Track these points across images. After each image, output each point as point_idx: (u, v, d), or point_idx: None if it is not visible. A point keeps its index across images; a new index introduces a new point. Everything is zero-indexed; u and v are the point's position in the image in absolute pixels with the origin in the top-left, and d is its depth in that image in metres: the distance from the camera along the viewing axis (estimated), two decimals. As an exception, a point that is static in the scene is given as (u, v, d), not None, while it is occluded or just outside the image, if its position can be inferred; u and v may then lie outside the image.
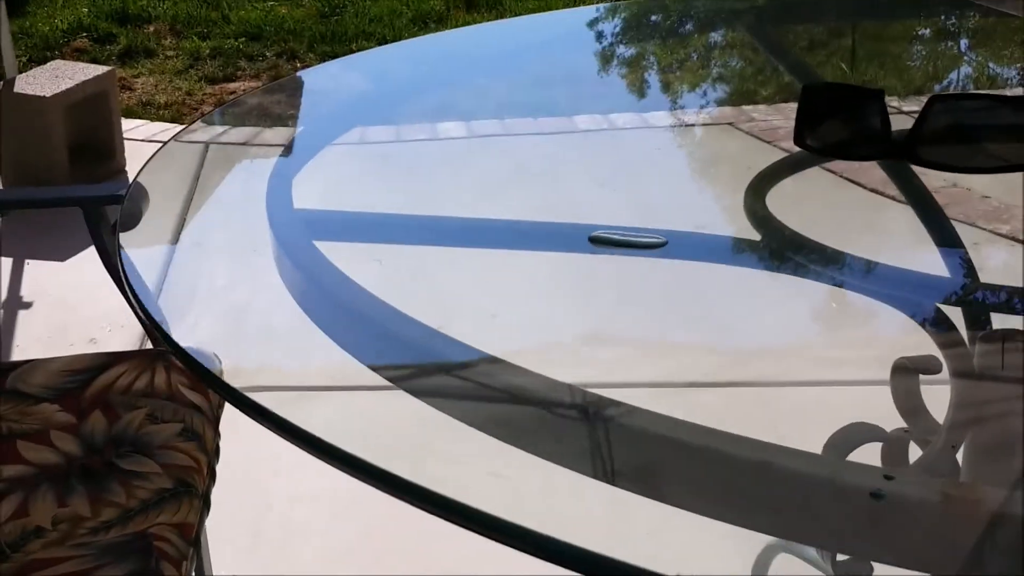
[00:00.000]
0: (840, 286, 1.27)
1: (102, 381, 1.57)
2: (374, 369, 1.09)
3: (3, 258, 3.16)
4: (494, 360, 1.06)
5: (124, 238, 1.36)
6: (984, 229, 1.45)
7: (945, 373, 1.14)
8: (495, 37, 2.50)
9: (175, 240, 1.46)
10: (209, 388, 1.12)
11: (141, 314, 1.13)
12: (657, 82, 2.26)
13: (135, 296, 1.16)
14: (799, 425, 1.02)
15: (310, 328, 1.24)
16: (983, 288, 1.27)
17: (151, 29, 5.88)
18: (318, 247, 1.35)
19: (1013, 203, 1.49)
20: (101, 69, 3.83)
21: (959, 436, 1.13)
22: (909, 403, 1.16)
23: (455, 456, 0.98)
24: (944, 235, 1.47)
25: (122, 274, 1.19)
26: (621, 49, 2.37)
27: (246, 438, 2.39)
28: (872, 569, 0.86)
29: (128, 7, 6.11)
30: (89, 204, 1.64)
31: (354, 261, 1.35)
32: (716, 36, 2.52)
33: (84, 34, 5.72)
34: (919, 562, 0.82)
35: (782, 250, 1.37)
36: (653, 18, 2.72)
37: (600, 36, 2.46)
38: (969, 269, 1.36)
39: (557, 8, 6.00)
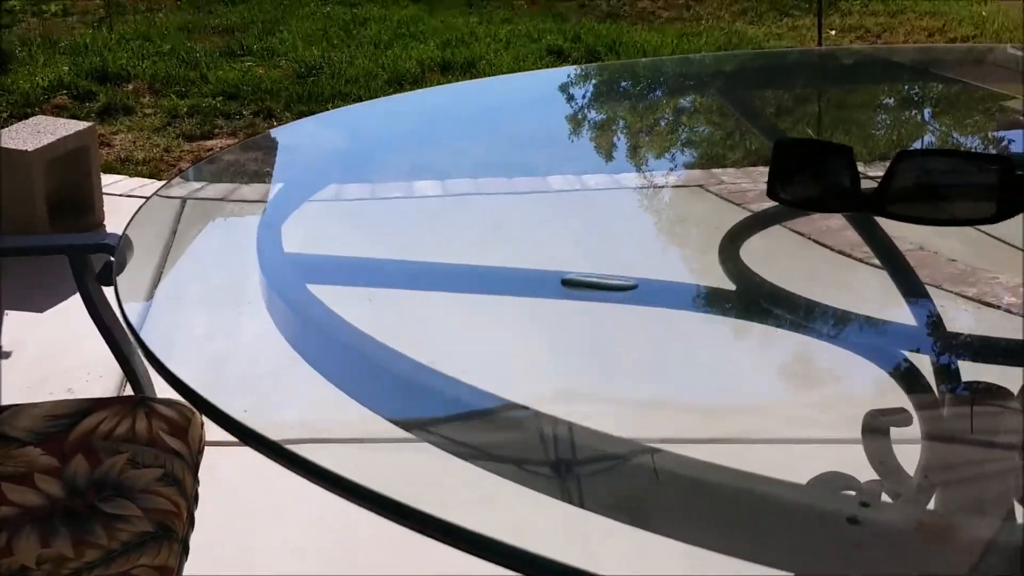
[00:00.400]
0: (813, 336, 1.32)
1: (85, 426, 1.60)
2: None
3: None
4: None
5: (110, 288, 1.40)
6: (950, 291, 1.50)
7: (916, 426, 1.18)
8: (469, 96, 2.58)
9: (152, 292, 1.49)
10: (230, 431, 1.15)
11: (145, 357, 1.17)
12: (629, 145, 2.33)
13: (139, 339, 1.20)
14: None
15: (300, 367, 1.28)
16: (950, 338, 1.32)
17: (130, 87, 5.95)
18: (310, 290, 1.40)
19: (979, 266, 1.55)
20: (82, 125, 3.88)
21: (929, 490, 1.18)
22: (881, 457, 1.21)
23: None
24: (911, 288, 1.52)
25: (124, 319, 1.23)
26: (593, 112, 2.44)
27: (225, 487, 2.41)
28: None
29: (108, 66, 6.19)
30: (75, 252, 1.67)
31: (340, 304, 1.39)
32: (686, 101, 2.61)
33: (64, 91, 5.78)
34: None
35: (756, 300, 1.42)
36: (624, 83, 2.81)
37: (572, 98, 2.54)
38: (937, 321, 1.41)
39: (529, 70, 6.12)
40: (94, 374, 2.80)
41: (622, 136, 2.42)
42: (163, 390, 1.79)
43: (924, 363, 1.29)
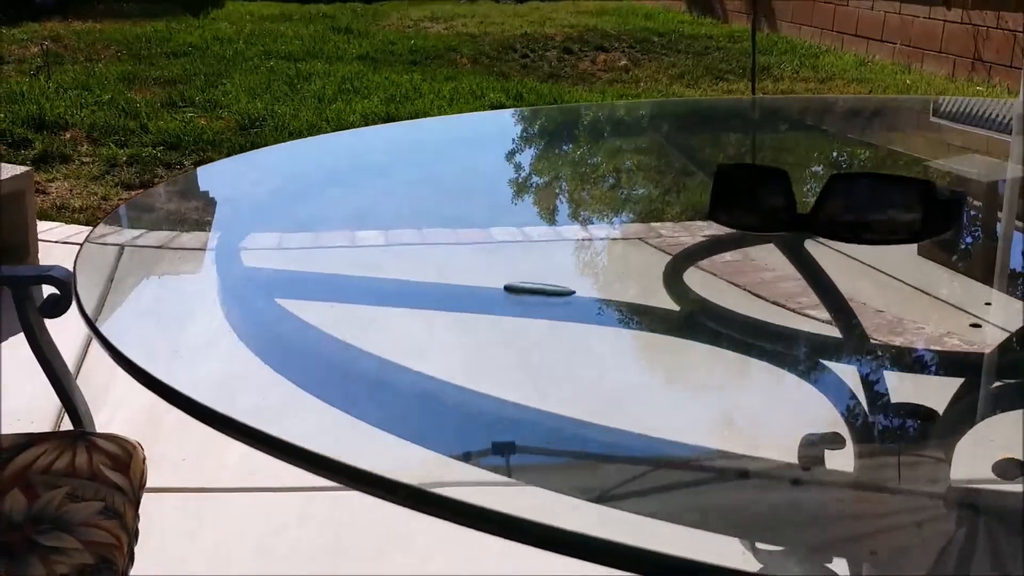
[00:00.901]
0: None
1: (21, 461, 1.54)
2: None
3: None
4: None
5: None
6: (878, 340, 1.53)
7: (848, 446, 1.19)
8: (405, 134, 2.58)
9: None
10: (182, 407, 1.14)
11: (126, 368, 1.15)
12: (572, 198, 2.33)
13: (117, 353, 1.18)
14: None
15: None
16: (875, 347, 1.34)
17: (68, 136, 5.87)
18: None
19: (905, 317, 1.58)
20: (18, 169, 3.81)
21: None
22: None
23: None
24: (837, 305, 1.53)
25: (100, 337, 1.21)
26: (534, 159, 2.46)
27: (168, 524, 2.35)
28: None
29: (45, 114, 6.11)
30: (17, 284, 1.63)
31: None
32: (628, 146, 2.63)
33: (-2, 139, 5.69)
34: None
35: (696, 316, 1.43)
36: (565, 125, 2.82)
37: (513, 141, 2.55)
38: (861, 332, 1.43)
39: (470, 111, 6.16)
40: (26, 416, 2.73)
41: (564, 188, 2.42)
42: (103, 425, 1.75)
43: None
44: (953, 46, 8.28)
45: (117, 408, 2.77)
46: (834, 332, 1.52)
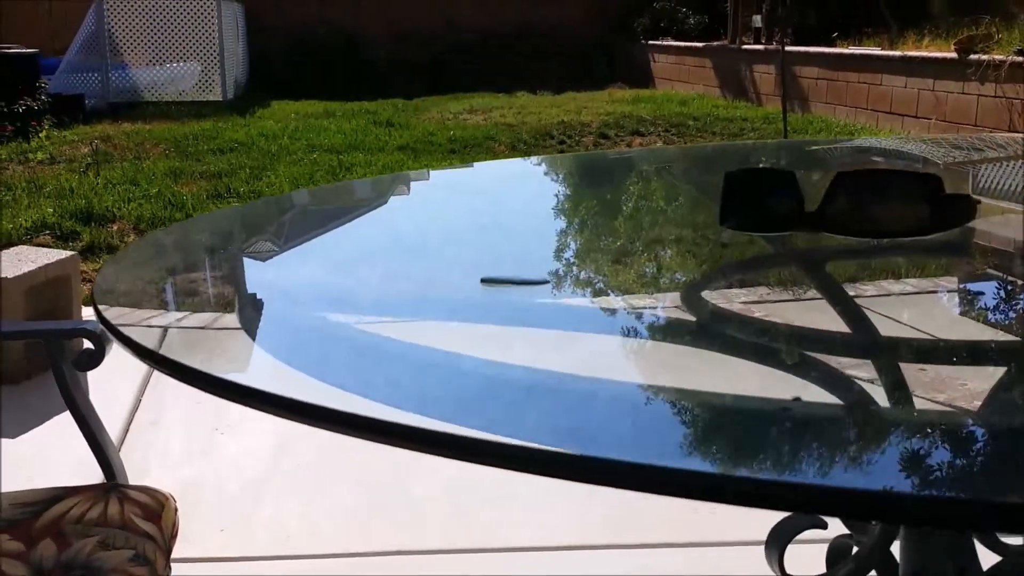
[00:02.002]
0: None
1: (55, 512, 1.55)
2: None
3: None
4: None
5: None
6: (922, 397, 1.50)
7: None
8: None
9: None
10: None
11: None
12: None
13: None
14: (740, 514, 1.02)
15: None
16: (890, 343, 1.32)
17: (115, 227, 6.00)
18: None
19: (949, 375, 1.56)
20: (64, 254, 3.90)
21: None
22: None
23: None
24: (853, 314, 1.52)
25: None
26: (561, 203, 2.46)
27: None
28: None
29: (93, 207, 6.26)
30: (52, 338, 1.66)
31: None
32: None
33: (47, 231, 5.83)
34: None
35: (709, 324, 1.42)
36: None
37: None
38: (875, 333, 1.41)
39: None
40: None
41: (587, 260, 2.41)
42: (135, 477, 1.76)
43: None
44: (988, 120, 8.28)
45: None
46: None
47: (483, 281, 1.47)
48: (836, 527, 1.57)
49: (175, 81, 13.14)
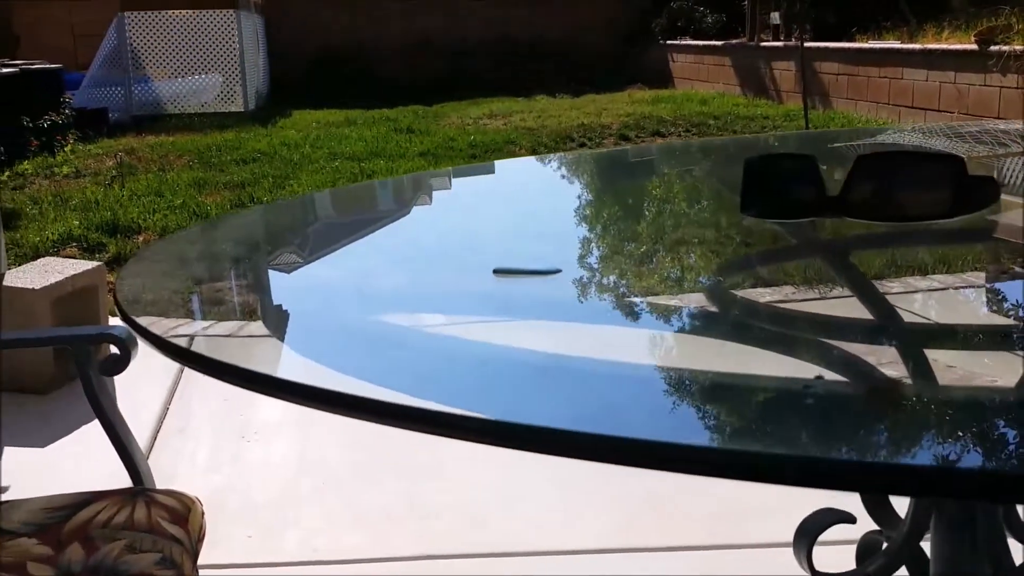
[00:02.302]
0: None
1: (82, 516, 1.56)
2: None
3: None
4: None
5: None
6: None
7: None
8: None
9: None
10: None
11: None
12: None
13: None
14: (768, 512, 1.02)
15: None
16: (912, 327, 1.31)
17: (140, 239, 6.05)
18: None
19: (978, 371, 1.54)
20: (90, 264, 3.93)
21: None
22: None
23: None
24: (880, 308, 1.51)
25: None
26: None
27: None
28: None
29: (119, 219, 6.31)
30: (78, 343, 1.67)
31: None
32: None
33: (74, 243, 5.88)
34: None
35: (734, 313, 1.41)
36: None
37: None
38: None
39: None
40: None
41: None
42: (163, 481, 1.77)
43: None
44: (1010, 111, 8.20)
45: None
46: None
47: (496, 272, 1.48)
48: (864, 523, 1.55)
49: (197, 93, 13.23)
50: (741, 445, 0.94)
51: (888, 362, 1.28)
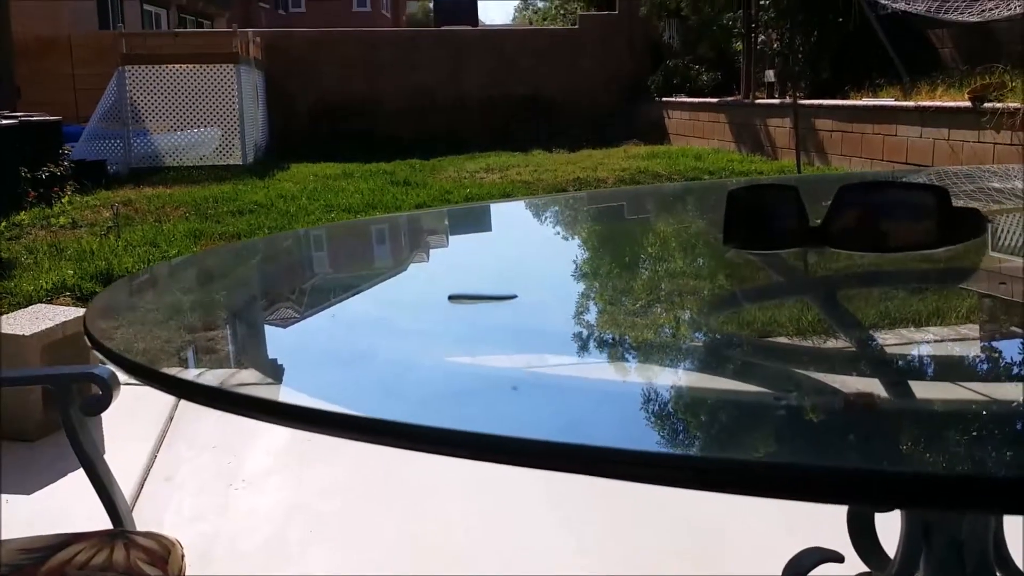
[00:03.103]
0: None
1: (60, 558, 1.53)
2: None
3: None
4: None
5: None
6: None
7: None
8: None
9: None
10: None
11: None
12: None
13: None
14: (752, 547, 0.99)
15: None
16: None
17: (134, 288, 6.03)
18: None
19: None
20: (81, 311, 3.90)
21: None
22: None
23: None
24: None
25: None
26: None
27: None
28: None
29: (113, 269, 6.30)
30: (59, 382, 1.65)
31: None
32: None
33: (68, 292, 5.86)
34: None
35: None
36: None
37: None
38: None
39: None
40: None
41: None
42: (143, 523, 1.74)
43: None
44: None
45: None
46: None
47: (451, 298, 1.48)
48: (853, 564, 1.53)
49: (195, 146, 13.32)
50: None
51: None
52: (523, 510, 2.90)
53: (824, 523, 1.36)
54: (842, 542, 1.31)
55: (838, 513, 1.36)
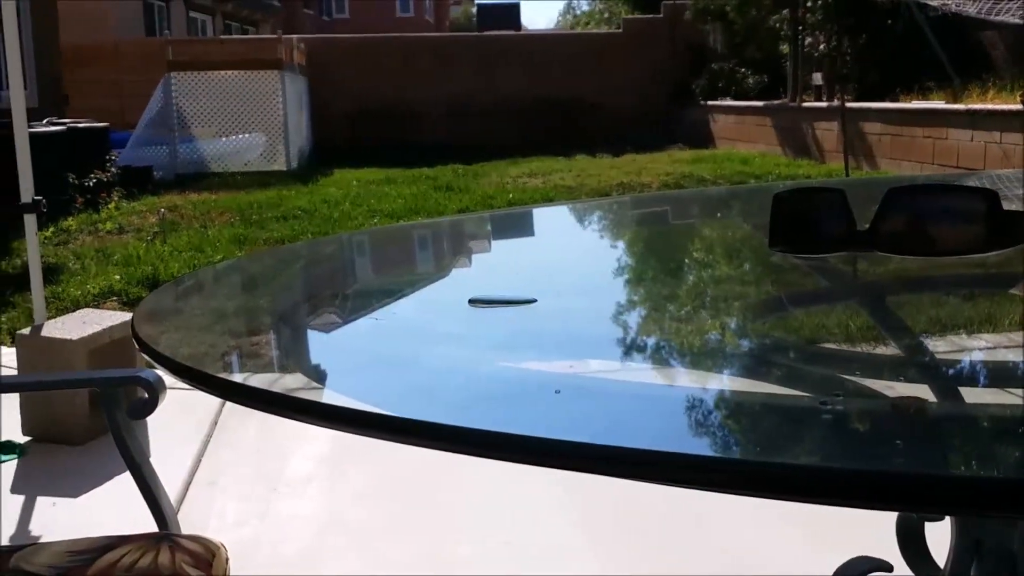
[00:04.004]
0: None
1: (106, 560, 1.55)
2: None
3: (17, 495, 3.16)
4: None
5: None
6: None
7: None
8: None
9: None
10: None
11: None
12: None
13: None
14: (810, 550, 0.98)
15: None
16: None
17: (180, 292, 6.09)
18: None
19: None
20: (128, 315, 3.95)
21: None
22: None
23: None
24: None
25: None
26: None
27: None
28: None
29: (159, 274, 6.37)
30: (106, 386, 1.67)
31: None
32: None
33: (114, 297, 5.93)
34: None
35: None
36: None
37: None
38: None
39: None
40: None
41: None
42: (188, 527, 1.75)
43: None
44: (1059, 170, 8.12)
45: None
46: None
47: (471, 302, 1.47)
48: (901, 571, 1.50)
49: (241, 152, 13.44)
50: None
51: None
52: (553, 517, 2.88)
53: (873, 532, 1.34)
54: (891, 552, 1.29)
55: (887, 522, 1.33)
